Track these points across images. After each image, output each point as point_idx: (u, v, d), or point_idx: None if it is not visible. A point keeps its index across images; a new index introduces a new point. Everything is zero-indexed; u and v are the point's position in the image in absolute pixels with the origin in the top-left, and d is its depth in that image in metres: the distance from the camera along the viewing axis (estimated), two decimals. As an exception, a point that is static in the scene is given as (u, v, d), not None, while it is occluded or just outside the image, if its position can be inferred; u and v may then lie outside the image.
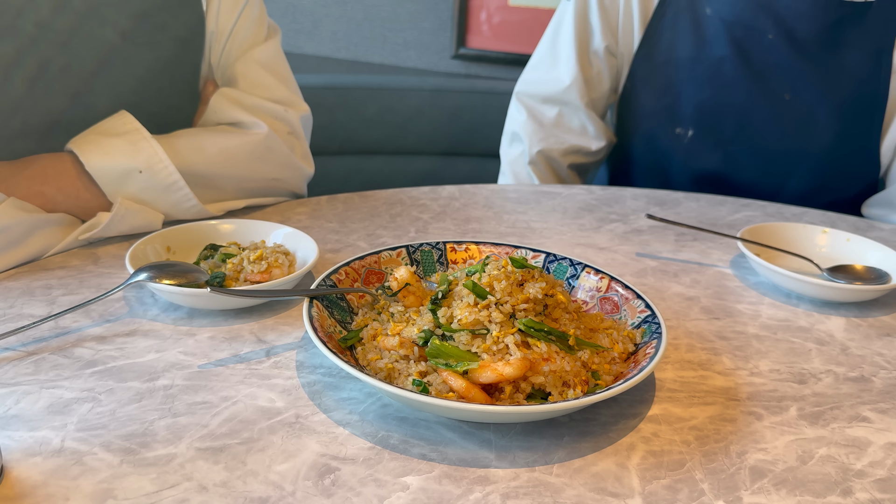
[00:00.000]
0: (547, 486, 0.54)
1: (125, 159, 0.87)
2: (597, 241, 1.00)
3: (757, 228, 0.95)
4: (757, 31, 1.22)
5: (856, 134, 1.25)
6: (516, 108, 1.44)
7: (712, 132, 1.31)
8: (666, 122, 1.34)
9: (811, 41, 1.21)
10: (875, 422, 0.64)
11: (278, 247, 0.82)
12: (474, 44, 2.13)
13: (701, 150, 1.32)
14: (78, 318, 0.73)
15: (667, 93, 1.33)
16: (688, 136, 1.32)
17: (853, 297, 0.84)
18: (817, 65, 1.22)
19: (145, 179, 0.88)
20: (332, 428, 0.59)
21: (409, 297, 0.72)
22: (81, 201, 0.88)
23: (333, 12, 2.23)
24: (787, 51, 1.22)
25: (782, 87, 1.24)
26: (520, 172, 1.43)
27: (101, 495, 0.50)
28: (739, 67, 1.25)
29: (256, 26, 1.05)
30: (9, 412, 0.58)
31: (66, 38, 0.87)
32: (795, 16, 1.20)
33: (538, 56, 1.43)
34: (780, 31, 1.21)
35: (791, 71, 1.23)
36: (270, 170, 1.01)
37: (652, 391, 0.66)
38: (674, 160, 1.36)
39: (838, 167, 1.28)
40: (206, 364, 0.66)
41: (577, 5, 1.35)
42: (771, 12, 1.21)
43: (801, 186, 1.29)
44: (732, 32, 1.24)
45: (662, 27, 1.30)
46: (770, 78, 1.24)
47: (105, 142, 0.87)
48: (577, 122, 1.39)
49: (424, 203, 1.10)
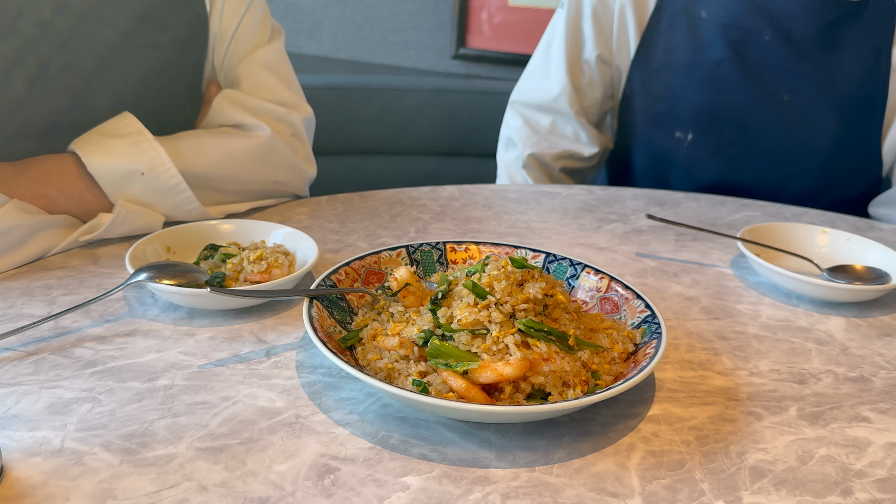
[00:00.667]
0: (547, 486, 0.54)
1: (127, 161, 0.87)
2: (597, 241, 1.00)
3: (757, 228, 0.95)
4: (753, 32, 1.23)
5: (856, 133, 1.25)
6: (512, 115, 1.45)
7: (712, 135, 1.31)
8: (665, 127, 1.34)
9: (808, 41, 1.21)
10: (875, 422, 0.64)
11: (278, 247, 0.82)
12: (474, 44, 2.13)
13: (701, 153, 1.32)
14: (78, 318, 0.73)
15: (665, 98, 1.33)
16: (687, 139, 1.32)
17: (853, 297, 0.84)
18: (815, 65, 1.22)
19: (147, 181, 0.88)
20: (332, 428, 0.59)
21: (409, 297, 0.72)
22: (84, 203, 0.88)
23: (333, 12, 2.23)
24: (785, 52, 1.22)
25: (781, 88, 1.24)
26: (515, 175, 1.43)
27: (101, 495, 0.50)
28: (737, 70, 1.25)
29: (260, 28, 1.05)
30: (9, 412, 0.58)
31: (66, 38, 0.87)
32: (791, 17, 1.20)
33: (532, 65, 1.44)
34: (777, 32, 1.21)
35: (789, 72, 1.23)
36: (272, 172, 1.01)
37: (652, 391, 0.66)
38: (674, 165, 1.36)
39: (840, 167, 1.28)
40: (206, 364, 0.66)
41: (570, 14, 1.36)
42: (767, 14, 1.22)
43: (803, 187, 1.29)
44: (729, 35, 1.24)
45: (659, 32, 1.31)
46: (768, 79, 1.24)
47: (107, 143, 0.87)
48: (570, 129, 1.40)
49: (424, 203, 1.10)
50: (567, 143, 1.40)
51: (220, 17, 1.01)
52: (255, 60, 1.03)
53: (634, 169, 1.44)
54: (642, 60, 1.33)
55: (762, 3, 1.21)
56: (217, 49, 1.03)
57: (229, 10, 1.02)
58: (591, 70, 1.37)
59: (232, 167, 0.96)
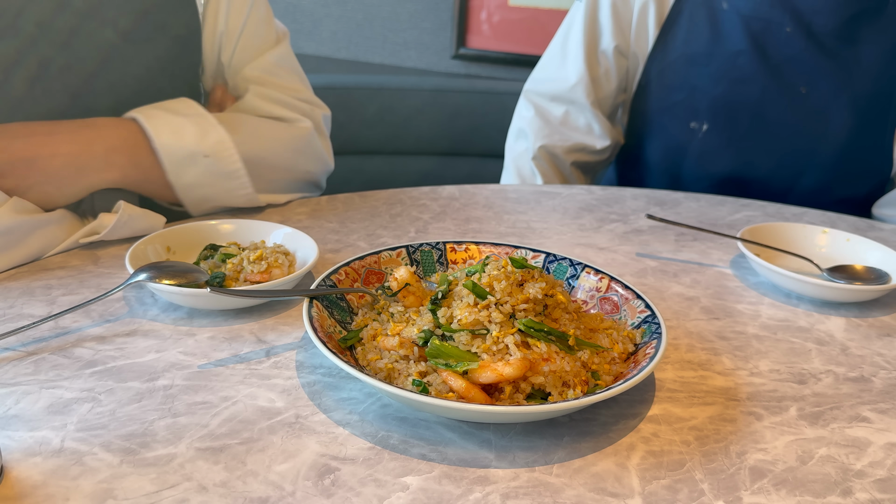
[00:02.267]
0: (547, 487, 0.54)
1: (193, 142, 0.85)
2: (597, 241, 1.00)
3: (757, 228, 0.95)
4: (775, 24, 1.23)
5: (870, 130, 1.25)
6: (524, 105, 1.45)
7: (727, 126, 1.31)
8: (680, 117, 1.34)
9: (828, 35, 1.21)
10: (875, 422, 0.64)
11: (278, 247, 0.82)
12: (474, 44, 2.13)
13: (715, 144, 1.32)
14: (78, 318, 0.73)
15: (681, 88, 1.33)
16: (702, 130, 1.32)
17: (853, 297, 0.84)
18: (834, 59, 1.22)
19: (209, 164, 0.86)
20: (331, 428, 0.59)
21: (409, 297, 0.72)
22: (150, 179, 0.84)
23: (333, 12, 2.23)
24: (805, 44, 1.22)
25: (798, 80, 1.24)
26: (523, 167, 1.43)
27: (101, 495, 0.50)
28: (756, 61, 1.25)
29: (266, 27, 1.07)
30: (9, 412, 0.58)
31: (66, 37, 0.87)
32: (813, 9, 1.21)
33: (548, 55, 1.44)
34: (798, 24, 1.22)
35: (808, 64, 1.23)
36: (307, 162, 1.04)
37: (652, 391, 0.66)
38: (687, 156, 1.36)
39: (851, 163, 1.28)
40: (206, 364, 0.66)
41: (589, 5, 1.37)
42: (788, 6, 1.22)
43: (814, 182, 1.30)
44: (750, 26, 1.24)
45: (679, 24, 1.31)
46: (786, 71, 1.24)
47: (174, 120, 0.85)
48: (583, 120, 1.40)
49: (424, 203, 1.10)
50: (579, 135, 1.40)
51: (227, 15, 1.02)
52: (272, 60, 1.05)
53: (646, 161, 1.44)
54: (661, 51, 1.34)
55: None
56: (224, 47, 1.03)
57: (235, 8, 1.02)
58: (607, 61, 1.38)
59: (278, 154, 0.97)
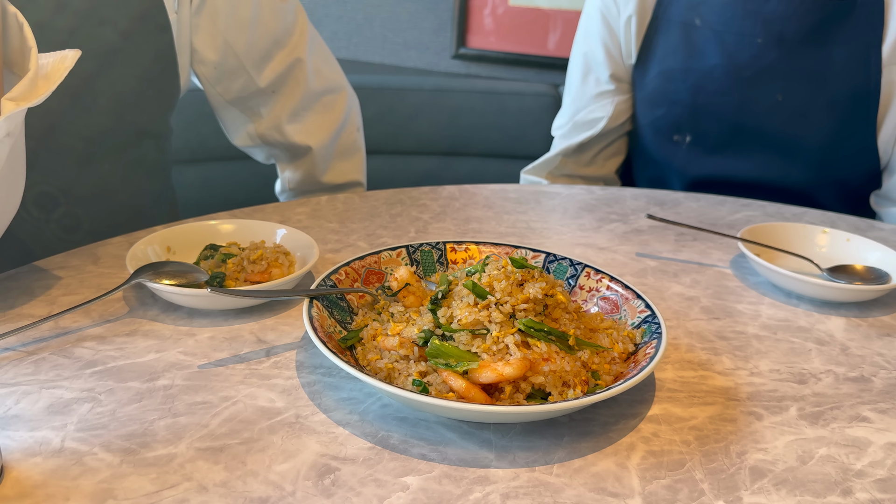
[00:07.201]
0: (547, 486, 0.54)
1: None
2: (597, 241, 1.00)
3: (757, 228, 0.95)
4: (746, 36, 1.26)
5: (851, 128, 1.27)
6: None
7: (709, 136, 1.34)
8: (663, 132, 1.38)
9: (800, 41, 1.24)
10: (875, 422, 0.64)
11: (278, 247, 0.82)
12: (474, 44, 2.13)
13: (700, 154, 1.36)
14: (78, 318, 0.73)
15: (661, 103, 1.36)
16: (686, 141, 1.35)
17: (853, 297, 0.84)
18: (808, 63, 1.25)
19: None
20: (331, 428, 0.59)
21: (409, 297, 0.72)
22: None
23: (333, 12, 2.23)
24: (777, 53, 1.24)
25: (774, 88, 1.27)
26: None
27: (101, 495, 0.50)
28: (730, 74, 1.28)
29: (279, 14, 1.09)
30: (9, 412, 0.58)
31: (65, 38, 0.87)
32: (783, 17, 1.23)
33: (564, 101, 1.50)
34: (769, 33, 1.24)
35: (782, 72, 1.26)
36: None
37: (652, 391, 0.66)
38: (673, 167, 1.39)
39: (838, 160, 1.30)
40: (206, 364, 0.66)
41: (581, 50, 1.42)
42: (759, 17, 1.24)
43: (802, 180, 1.31)
44: (723, 41, 1.28)
45: (656, 41, 1.35)
46: (761, 81, 1.28)
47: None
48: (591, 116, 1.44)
49: (424, 203, 1.10)
50: (585, 131, 1.44)
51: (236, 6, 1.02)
52: (304, 47, 1.13)
53: (635, 175, 1.49)
54: (641, 69, 1.37)
55: (753, 7, 1.24)
56: (238, 38, 1.04)
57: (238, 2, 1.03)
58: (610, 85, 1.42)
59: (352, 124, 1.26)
